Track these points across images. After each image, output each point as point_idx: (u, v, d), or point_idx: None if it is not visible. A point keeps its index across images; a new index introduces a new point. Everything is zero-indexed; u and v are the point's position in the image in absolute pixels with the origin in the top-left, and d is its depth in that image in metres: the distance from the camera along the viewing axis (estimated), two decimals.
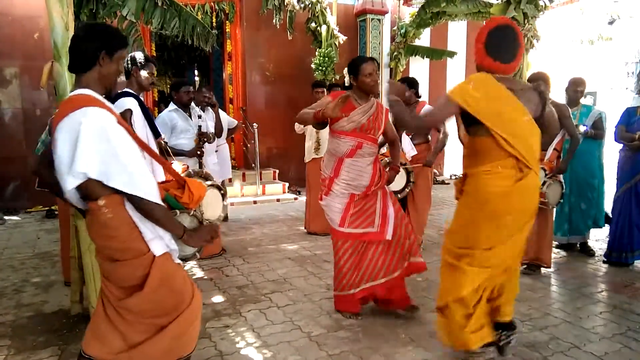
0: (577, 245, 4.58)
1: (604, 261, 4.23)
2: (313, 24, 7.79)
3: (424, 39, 9.77)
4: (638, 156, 4.05)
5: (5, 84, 6.76)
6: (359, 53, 9.06)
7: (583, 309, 3.23)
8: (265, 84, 8.67)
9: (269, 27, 7.77)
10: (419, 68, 10.07)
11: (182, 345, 1.90)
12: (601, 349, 2.66)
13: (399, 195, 4.08)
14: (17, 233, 5.60)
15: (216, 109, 4.79)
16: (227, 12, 8.42)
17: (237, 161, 8.90)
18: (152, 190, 1.73)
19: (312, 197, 5.21)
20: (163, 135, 3.92)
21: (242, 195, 7.65)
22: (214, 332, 2.91)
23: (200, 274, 4.02)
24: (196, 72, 13.40)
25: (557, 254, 4.46)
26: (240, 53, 8.64)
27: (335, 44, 7.91)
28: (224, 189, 2.41)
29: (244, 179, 8.21)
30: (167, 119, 4.04)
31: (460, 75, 10.76)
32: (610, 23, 11.72)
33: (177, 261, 1.91)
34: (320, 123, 3.00)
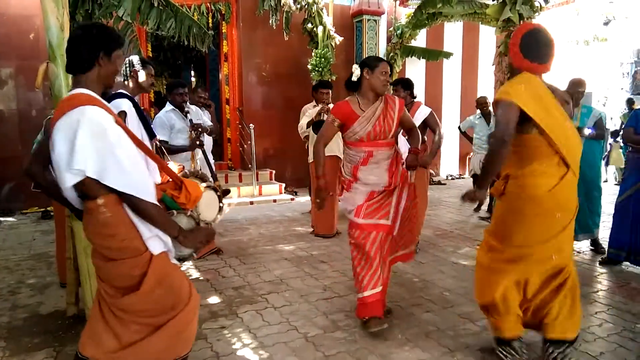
0: (590, 242, 4.69)
1: (599, 262, 4.25)
2: (309, 25, 7.79)
3: (420, 39, 9.79)
4: None
5: (1, 85, 6.72)
6: (356, 54, 9.08)
7: None
8: (262, 84, 8.67)
9: (265, 27, 7.76)
10: (415, 69, 10.09)
11: (178, 345, 1.89)
12: (597, 349, 2.68)
13: None
14: (12, 234, 5.57)
15: (212, 109, 4.79)
16: (223, 12, 8.41)
17: (233, 162, 8.90)
18: (147, 190, 1.73)
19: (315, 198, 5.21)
20: (158, 136, 3.93)
21: (238, 195, 7.65)
22: (210, 333, 2.91)
23: (196, 275, 4.01)
24: (192, 72, 13.38)
25: None
26: (236, 54, 8.64)
27: (332, 45, 7.91)
28: (221, 191, 2.40)
29: (241, 180, 8.21)
30: (166, 119, 4.07)
31: (457, 76, 10.80)
32: (606, 24, 11.78)
33: (174, 261, 1.91)
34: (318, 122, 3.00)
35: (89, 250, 2.80)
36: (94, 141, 1.63)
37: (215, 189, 2.25)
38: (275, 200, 7.68)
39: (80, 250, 2.90)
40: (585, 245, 4.73)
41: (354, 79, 2.95)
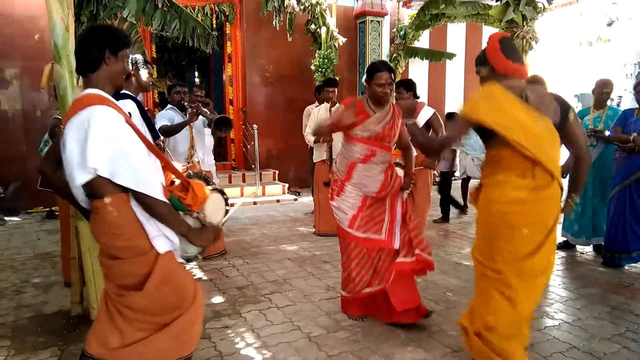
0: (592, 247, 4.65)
1: (602, 263, 4.25)
2: (313, 26, 7.81)
3: (423, 40, 9.79)
4: (632, 157, 4.05)
5: (6, 85, 6.77)
6: (359, 55, 9.09)
7: (582, 309, 3.24)
8: (265, 85, 8.69)
9: (268, 28, 7.78)
10: (418, 70, 10.09)
11: (182, 345, 1.90)
12: (600, 350, 2.67)
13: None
14: (17, 234, 5.61)
15: (210, 107, 4.80)
16: (227, 13, 8.44)
17: (236, 162, 8.92)
18: (157, 188, 1.75)
19: (321, 197, 5.23)
20: (160, 123, 4.00)
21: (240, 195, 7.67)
22: (214, 332, 2.92)
23: (200, 275, 4.02)
24: (196, 73, 13.43)
25: (556, 255, 4.46)
26: (240, 54, 8.67)
27: (335, 46, 7.93)
28: (227, 194, 2.42)
29: (244, 180, 8.23)
30: (167, 115, 4.22)
31: (460, 77, 10.79)
32: (609, 25, 11.75)
33: (180, 260, 1.93)
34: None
35: (93, 250, 2.83)
36: (105, 141, 1.65)
37: (222, 192, 2.26)
38: (278, 201, 7.69)
39: (84, 249, 2.92)
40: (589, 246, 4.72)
41: (364, 82, 3.06)
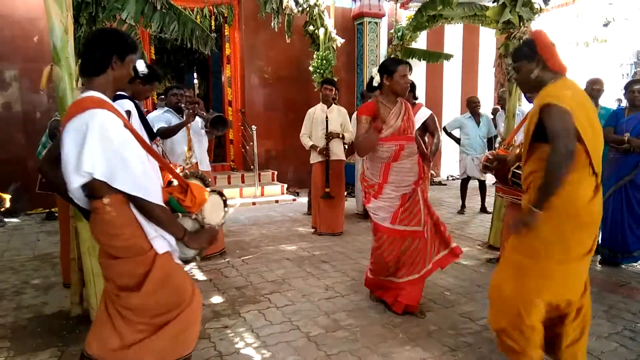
0: None
1: (599, 262, 4.27)
2: (311, 27, 7.81)
3: (421, 41, 9.81)
4: (626, 157, 4.05)
5: (5, 87, 6.77)
6: (357, 56, 9.10)
7: None
8: (264, 86, 8.71)
9: (267, 30, 7.79)
10: (415, 71, 10.00)
11: (181, 345, 1.92)
12: (597, 348, 2.70)
13: None
14: (17, 235, 5.61)
15: (201, 105, 4.81)
16: (225, 15, 8.46)
17: (235, 163, 8.93)
18: (154, 192, 1.76)
19: (320, 198, 5.26)
20: (157, 125, 4.00)
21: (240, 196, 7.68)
22: (213, 332, 2.93)
23: (199, 275, 4.04)
24: (195, 75, 13.42)
25: None
26: (238, 56, 8.68)
27: (333, 47, 7.94)
28: (225, 196, 2.42)
29: (243, 181, 8.24)
30: (164, 118, 4.21)
31: (457, 78, 10.82)
32: (605, 25, 11.79)
33: (178, 262, 1.94)
34: None
35: (93, 251, 2.84)
36: (102, 144, 1.66)
37: (220, 193, 2.27)
38: (277, 201, 7.71)
39: (84, 250, 2.93)
40: None
41: (375, 84, 3.11)
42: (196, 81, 13.43)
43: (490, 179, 6.50)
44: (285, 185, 8.26)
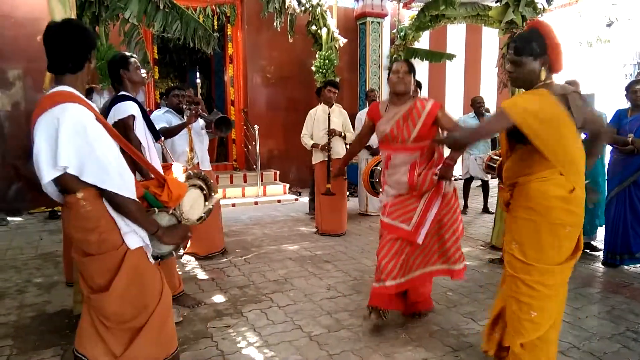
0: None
1: (602, 262, 4.26)
2: (313, 27, 7.82)
3: (423, 41, 9.81)
4: (630, 159, 4.03)
5: (9, 86, 6.79)
6: (359, 56, 9.12)
7: (582, 309, 3.25)
8: (266, 86, 8.72)
9: (270, 30, 7.80)
10: (418, 70, 9.92)
11: (162, 346, 1.93)
12: (600, 349, 2.69)
13: None
14: (20, 234, 5.63)
15: (201, 105, 4.82)
16: (228, 15, 8.47)
17: (238, 162, 8.95)
18: (126, 186, 1.75)
19: (322, 198, 5.26)
20: (159, 126, 4.00)
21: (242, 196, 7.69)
22: (216, 332, 2.93)
23: (201, 274, 4.04)
24: (198, 74, 13.45)
25: None
26: (241, 55, 8.70)
27: (336, 47, 7.95)
28: (208, 190, 2.35)
29: (245, 180, 8.25)
30: (165, 118, 4.18)
31: (459, 78, 10.80)
32: (609, 25, 11.75)
33: (151, 260, 1.93)
34: None
35: None
36: (74, 138, 1.65)
37: (201, 188, 2.24)
38: (279, 201, 7.71)
39: None
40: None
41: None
42: (199, 80, 13.45)
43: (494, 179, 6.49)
44: (288, 185, 8.26)
